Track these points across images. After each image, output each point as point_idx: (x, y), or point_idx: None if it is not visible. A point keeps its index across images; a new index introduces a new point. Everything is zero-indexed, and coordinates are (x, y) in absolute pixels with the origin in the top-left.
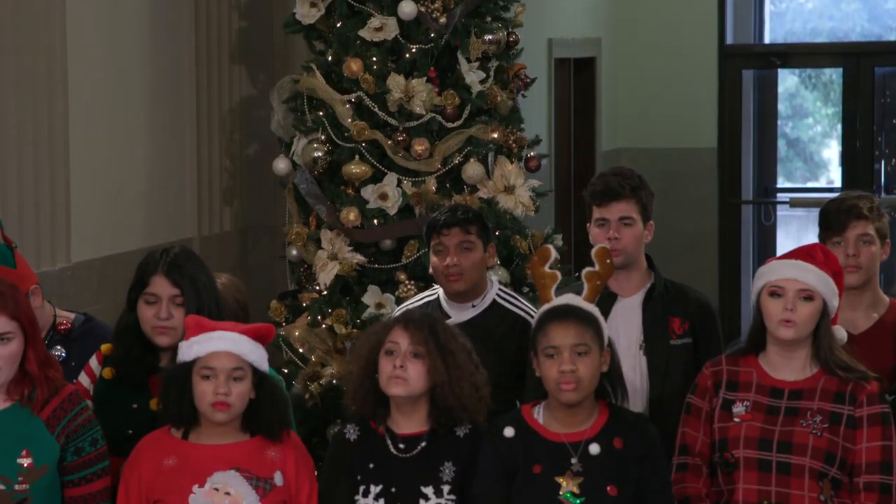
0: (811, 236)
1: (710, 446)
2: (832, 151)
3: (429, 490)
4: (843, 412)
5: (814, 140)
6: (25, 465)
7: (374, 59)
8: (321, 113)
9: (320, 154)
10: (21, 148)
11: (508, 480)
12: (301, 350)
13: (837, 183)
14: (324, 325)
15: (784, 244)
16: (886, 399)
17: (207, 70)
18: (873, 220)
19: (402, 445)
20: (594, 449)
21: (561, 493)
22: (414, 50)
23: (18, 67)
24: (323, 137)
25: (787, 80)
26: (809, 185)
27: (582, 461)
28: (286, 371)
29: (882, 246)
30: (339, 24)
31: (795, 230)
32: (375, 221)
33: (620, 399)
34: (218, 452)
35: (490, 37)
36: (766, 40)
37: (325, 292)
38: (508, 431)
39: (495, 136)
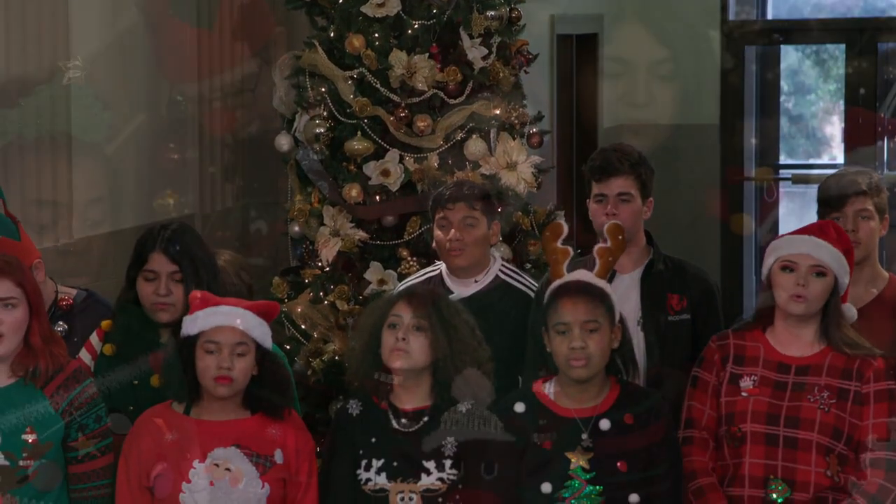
0: (813, 213)
1: (716, 420)
2: (835, 128)
3: (430, 465)
4: (850, 388)
5: (816, 116)
6: (30, 441)
7: (377, 34)
8: (323, 89)
9: (322, 130)
10: (23, 124)
11: (519, 456)
12: (303, 326)
13: (840, 159)
14: (326, 302)
15: (786, 221)
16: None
17: (209, 45)
18: (872, 195)
19: (404, 420)
20: (605, 425)
21: (571, 468)
22: (416, 26)
23: (19, 52)
24: (325, 114)
25: (790, 56)
26: (812, 161)
27: (592, 437)
28: (288, 347)
29: (881, 221)
30: (340, 0)
31: (798, 207)
32: (378, 198)
33: (631, 375)
34: (219, 429)
35: (492, 13)
36: (769, 16)
37: (328, 269)
38: (519, 407)
39: (497, 112)
